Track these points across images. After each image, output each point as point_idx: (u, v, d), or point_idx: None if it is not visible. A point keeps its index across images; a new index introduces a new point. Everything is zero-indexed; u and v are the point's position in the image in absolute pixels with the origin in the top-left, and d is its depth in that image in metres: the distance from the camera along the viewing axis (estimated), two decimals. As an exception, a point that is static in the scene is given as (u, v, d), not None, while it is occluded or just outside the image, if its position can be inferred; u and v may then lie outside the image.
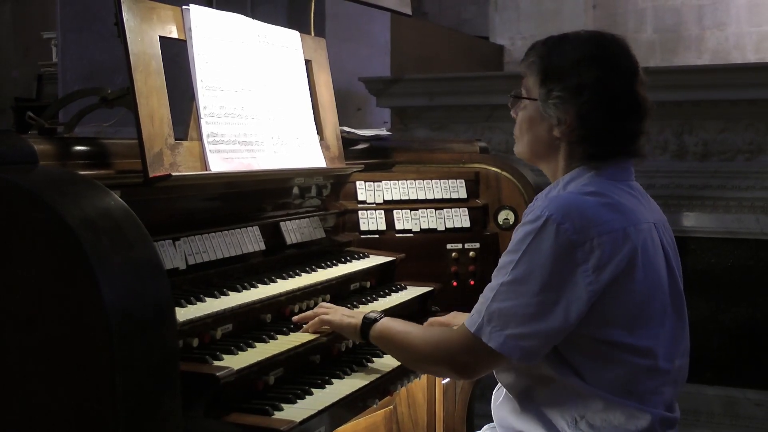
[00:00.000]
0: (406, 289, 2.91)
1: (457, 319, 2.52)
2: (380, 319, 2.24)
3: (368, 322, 2.24)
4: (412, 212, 3.12)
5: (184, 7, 2.44)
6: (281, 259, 2.69)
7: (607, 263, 1.90)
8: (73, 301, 1.48)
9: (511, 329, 1.91)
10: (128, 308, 1.49)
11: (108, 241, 1.51)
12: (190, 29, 2.43)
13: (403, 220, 3.11)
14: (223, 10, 2.62)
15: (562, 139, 2.06)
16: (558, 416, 2.01)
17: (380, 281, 2.96)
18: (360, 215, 3.09)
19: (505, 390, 2.15)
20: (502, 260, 1.98)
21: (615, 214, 1.96)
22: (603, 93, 2.01)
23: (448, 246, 3.10)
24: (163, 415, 1.56)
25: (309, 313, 2.37)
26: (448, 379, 3.10)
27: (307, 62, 2.96)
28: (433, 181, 3.17)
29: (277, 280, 2.49)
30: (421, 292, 2.90)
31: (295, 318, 2.36)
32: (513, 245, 1.96)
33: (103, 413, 1.48)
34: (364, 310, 2.53)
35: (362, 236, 3.08)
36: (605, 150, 2.05)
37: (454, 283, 3.09)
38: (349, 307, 2.50)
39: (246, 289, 2.35)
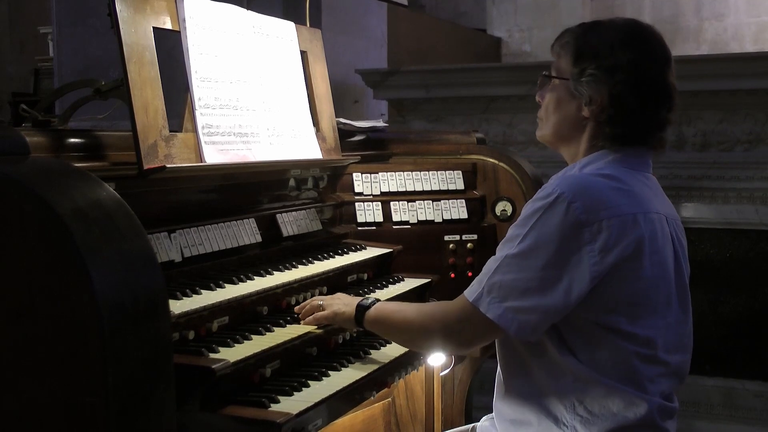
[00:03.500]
0: (403, 281, 2.90)
1: None
2: (373, 305, 2.24)
3: (362, 309, 2.24)
4: (410, 204, 3.10)
5: (177, -3, 2.42)
6: (278, 251, 2.68)
7: (613, 246, 1.90)
8: (64, 293, 1.46)
9: (510, 301, 1.92)
10: (120, 300, 1.47)
11: (99, 232, 1.49)
12: (184, 20, 2.41)
13: (401, 212, 3.09)
14: (218, 0, 2.60)
15: (590, 118, 2.06)
16: (557, 401, 2.00)
17: (378, 273, 2.94)
18: (357, 207, 3.08)
19: (503, 383, 2.14)
20: (509, 233, 1.99)
21: (626, 199, 1.96)
22: (637, 75, 2.02)
23: (446, 237, 3.09)
24: (157, 409, 1.54)
25: (305, 303, 2.37)
26: (446, 371, 3.08)
27: (303, 53, 2.95)
28: (431, 172, 3.15)
29: (274, 272, 2.47)
30: (419, 284, 2.89)
31: (296, 308, 2.36)
32: (521, 219, 1.97)
33: (95, 407, 1.46)
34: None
35: (359, 228, 3.07)
36: (633, 133, 2.05)
37: (452, 275, 3.07)
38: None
39: (242, 281, 2.33)
